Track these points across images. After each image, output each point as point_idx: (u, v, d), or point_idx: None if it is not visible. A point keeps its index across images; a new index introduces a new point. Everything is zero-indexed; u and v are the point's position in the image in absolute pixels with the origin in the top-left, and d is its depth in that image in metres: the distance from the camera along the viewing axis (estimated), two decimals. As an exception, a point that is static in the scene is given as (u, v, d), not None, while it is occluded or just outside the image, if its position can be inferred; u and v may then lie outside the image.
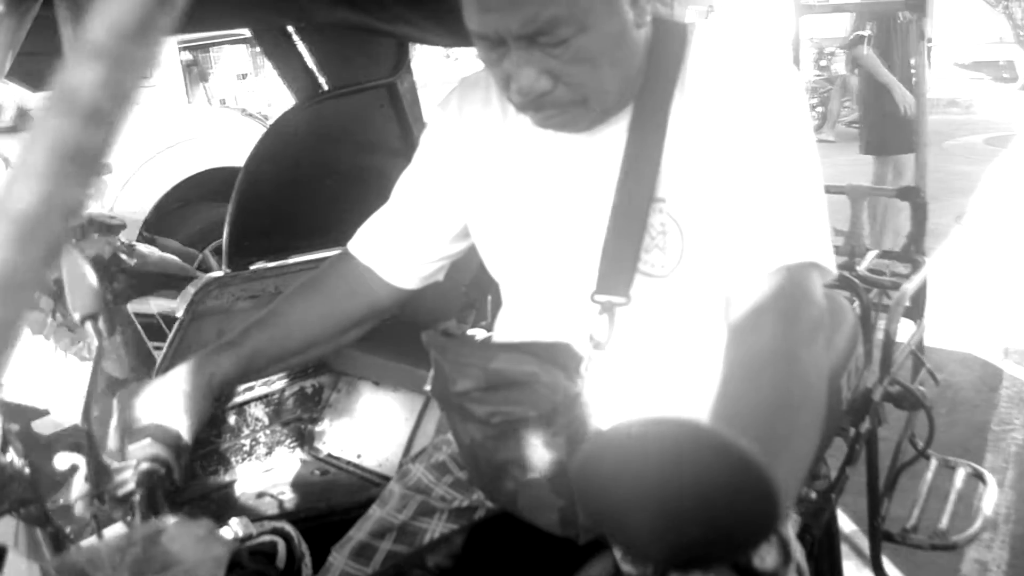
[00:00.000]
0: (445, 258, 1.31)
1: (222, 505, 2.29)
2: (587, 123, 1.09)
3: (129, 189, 4.39)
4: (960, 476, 2.31)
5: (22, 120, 4.01)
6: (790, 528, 1.19)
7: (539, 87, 1.01)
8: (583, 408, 1.06)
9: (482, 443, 1.16)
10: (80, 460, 1.09)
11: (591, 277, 1.09)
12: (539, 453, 1.10)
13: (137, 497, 1.01)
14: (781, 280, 0.97)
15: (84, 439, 1.13)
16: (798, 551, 1.11)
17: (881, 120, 5.07)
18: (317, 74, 2.45)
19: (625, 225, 1.07)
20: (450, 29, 1.97)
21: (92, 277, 1.16)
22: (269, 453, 2.50)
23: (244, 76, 12.74)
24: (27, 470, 1.15)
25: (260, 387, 2.44)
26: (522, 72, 1.00)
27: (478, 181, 1.22)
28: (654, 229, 1.08)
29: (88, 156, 0.30)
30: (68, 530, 1.31)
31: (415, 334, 1.23)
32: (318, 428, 2.59)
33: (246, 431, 2.44)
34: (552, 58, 0.99)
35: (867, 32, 5.01)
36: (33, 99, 4.04)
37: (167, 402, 1.12)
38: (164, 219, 4.47)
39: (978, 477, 2.30)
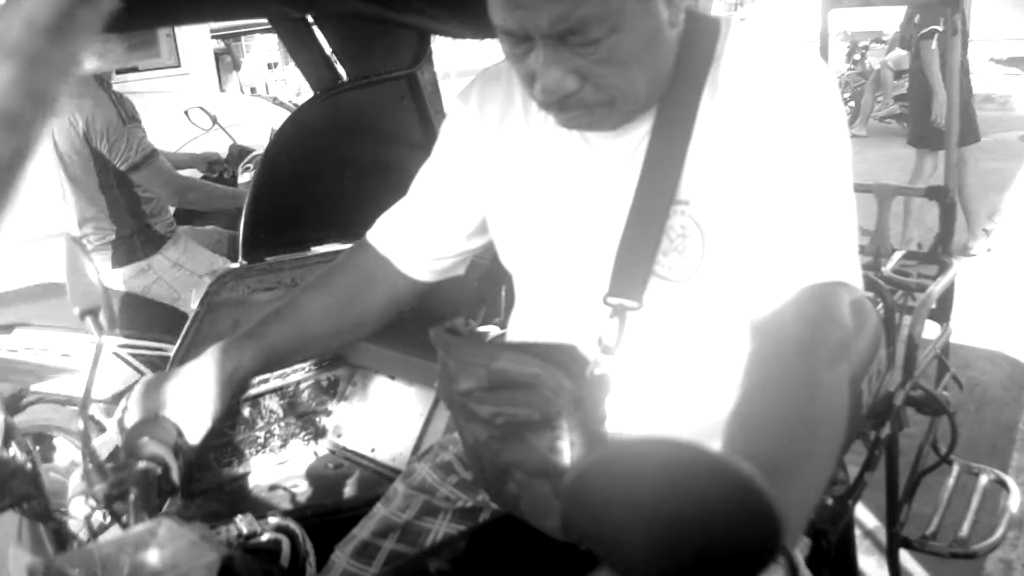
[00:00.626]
0: (463, 253, 1.30)
1: (235, 497, 2.28)
2: (613, 123, 1.05)
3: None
4: (983, 483, 2.26)
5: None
6: (799, 553, 1.16)
7: (565, 87, 0.97)
8: (587, 412, 1.03)
9: (486, 444, 1.14)
10: (78, 457, 1.08)
11: (605, 279, 1.05)
12: (542, 456, 1.06)
13: (132, 497, 1.00)
14: (807, 299, 0.93)
15: (80, 436, 1.12)
16: None
17: (929, 114, 5.07)
18: (337, 65, 2.43)
19: (643, 226, 1.03)
20: (469, 21, 1.94)
21: (92, 272, 1.14)
22: (283, 445, 2.49)
23: (274, 65, 12.83)
24: (30, 465, 1.14)
25: (275, 379, 2.43)
26: (548, 71, 0.96)
27: (497, 176, 1.19)
28: (673, 232, 1.04)
29: (1, 164, 0.28)
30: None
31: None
32: (333, 421, 2.57)
33: (260, 423, 2.43)
34: (581, 57, 0.95)
35: (941, 28, 4.95)
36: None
37: (188, 396, 1.10)
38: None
39: (1001, 484, 2.25)
